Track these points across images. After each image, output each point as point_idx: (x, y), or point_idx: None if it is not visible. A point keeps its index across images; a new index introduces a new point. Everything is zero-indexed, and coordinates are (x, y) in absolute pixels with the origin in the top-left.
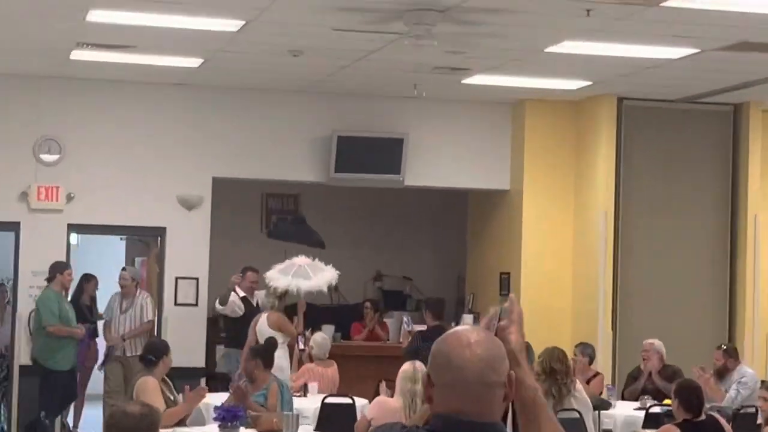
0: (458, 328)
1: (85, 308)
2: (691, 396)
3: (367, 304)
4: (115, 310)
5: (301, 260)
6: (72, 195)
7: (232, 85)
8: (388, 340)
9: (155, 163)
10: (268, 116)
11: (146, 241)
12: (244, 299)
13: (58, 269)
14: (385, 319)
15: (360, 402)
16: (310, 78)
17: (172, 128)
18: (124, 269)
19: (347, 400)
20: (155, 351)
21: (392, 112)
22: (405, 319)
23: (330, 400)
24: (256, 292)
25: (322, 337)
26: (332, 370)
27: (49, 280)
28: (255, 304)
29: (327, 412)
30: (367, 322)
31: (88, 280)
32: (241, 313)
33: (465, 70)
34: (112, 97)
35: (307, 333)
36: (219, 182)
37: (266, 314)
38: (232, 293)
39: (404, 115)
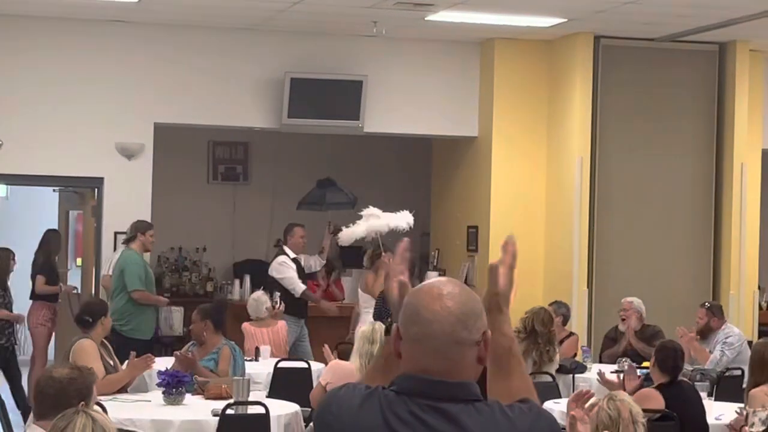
0: (433, 279)
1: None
2: (668, 358)
3: None
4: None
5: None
6: (0, 143)
7: (175, 23)
8: (344, 299)
9: (92, 109)
10: (215, 57)
11: (81, 193)
12: (295, 260)
13: (140, 229)
14: (343, 277)
15: (316, 366)
16: (261, 15)
17: (109, 70)
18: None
19: (302, 364)
20: (92, 312)
21: (350, 52)
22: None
23: (283, 364)
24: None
25: (257, 296)
26: (270, 330)
27: (129, 240)
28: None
29: (280, 376)
30: (320, 281)
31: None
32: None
33: (429, 5)
34: (43, 36)
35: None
36: (161, 129)
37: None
38: (283, 257)
39: (363, 55)
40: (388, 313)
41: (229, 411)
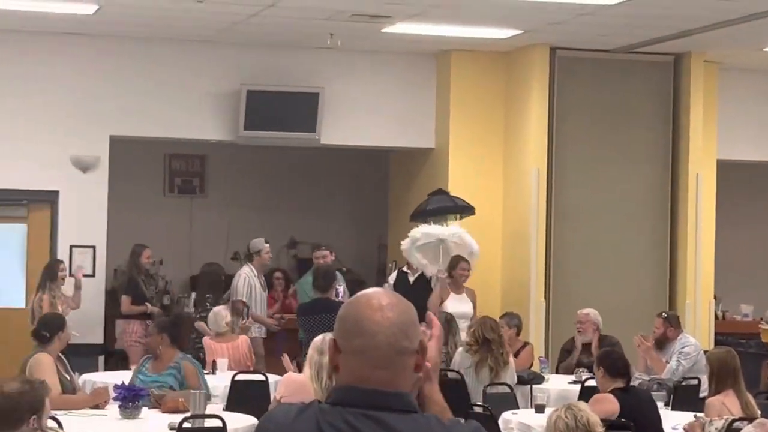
0: (367, 290)
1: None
2: (615, 362)
3: (278, 274)
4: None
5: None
6: None
7: (131, 35)
8: None
9: (46, 121)
10: (171, 69)
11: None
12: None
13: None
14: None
15: (273, 378)
16: (216, 27)
17: (65, 82)
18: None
19: (259, 377)
20: (50, 326)
21: (306, 65)
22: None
23: (241, 377)
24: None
25: (217, 310)
26: (230, 345)
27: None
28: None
29: (238, 389)
30: (279, 293)
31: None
32: None
33: (386, 17)
34: None
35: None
36: (117, 141)
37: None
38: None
39: (319, 67)
40: None
41: (186, 424)
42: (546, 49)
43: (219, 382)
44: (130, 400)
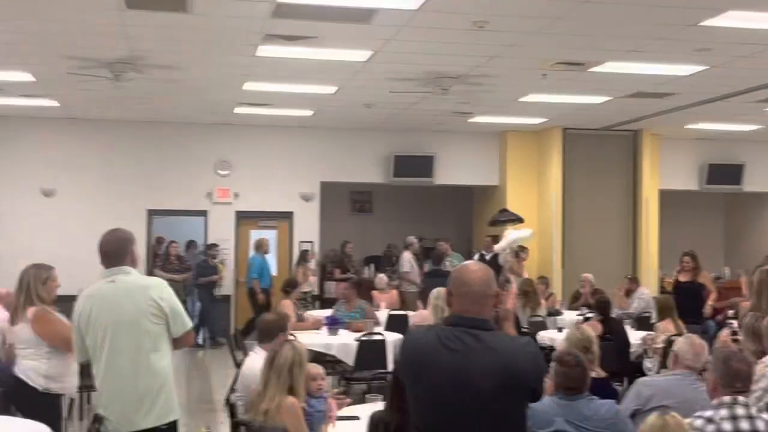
0: (467, 262)
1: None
2: (603, 306)
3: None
4: None
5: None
6: (237, 194)
7: (334, 126)
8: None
9: (286, 173)
10: (355, 143)
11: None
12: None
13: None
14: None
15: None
16: (377, 120)
17: (303, 153)
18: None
19: (402, 313)
20: (290, 284)
21: (426, 139)
22: (448, 263)
23: (393, 313)
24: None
25: (380, 276)
26: (388, 295)
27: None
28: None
29: (392, 319)
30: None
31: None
32: None
33: (470, 113)
34: (260, 135)
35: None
36: (324, 184)
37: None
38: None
39: (433, 140)
40: None
41: (364, 338)
42: (560, 129)
43: (381, 315)
44: (333, 324)
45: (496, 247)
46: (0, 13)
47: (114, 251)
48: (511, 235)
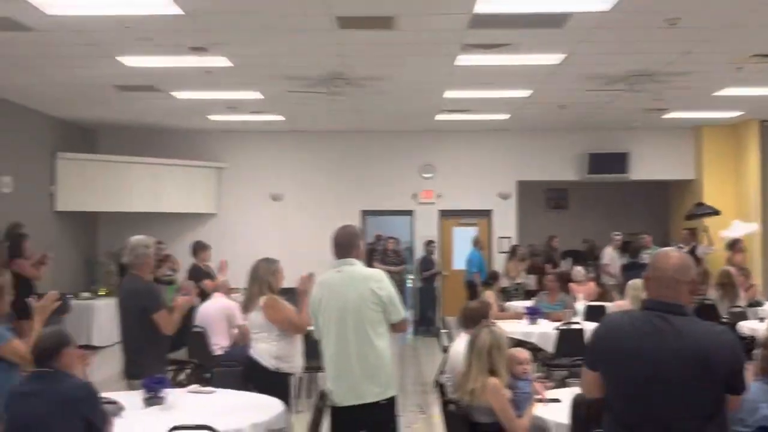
0: (667, 248)
1: None
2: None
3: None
4: None
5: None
6: (440, 194)
7: (529, 128)
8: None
9: (489, 175)
10: (549, 143)
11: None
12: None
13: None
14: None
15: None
16: (570, 120)
17: (494, 153)
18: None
19: (600, 304)
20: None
21: (621, 137)
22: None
23: (592, 304)
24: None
25: (578, 269)
26: (584, 288)
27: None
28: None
29: (590, 309)
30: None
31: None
32: None
33: (664, 110)
34: (460, 139)
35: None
36: (521, 182)
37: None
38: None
39: (628, 138)
40: None
41: (563, 327)
42: (757, 122)
43: (579, 307)
44: (534, 314)
45: (724, 233)
46: (234, 43)
47: (344, 243)
48: (739, 227)
